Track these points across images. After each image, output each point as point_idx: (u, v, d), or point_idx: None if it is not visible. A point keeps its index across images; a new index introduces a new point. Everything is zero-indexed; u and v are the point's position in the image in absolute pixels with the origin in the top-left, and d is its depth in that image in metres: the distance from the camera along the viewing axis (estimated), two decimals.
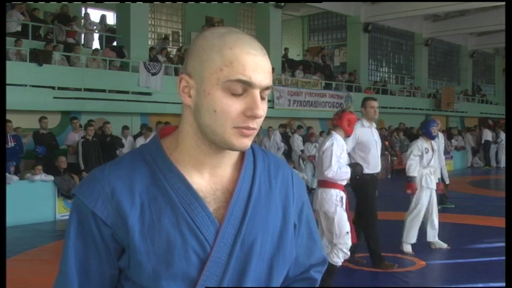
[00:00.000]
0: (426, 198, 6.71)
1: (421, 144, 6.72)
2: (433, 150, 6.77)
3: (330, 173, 4.94)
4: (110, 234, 1.09)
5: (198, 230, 1.09)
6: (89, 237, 1.10)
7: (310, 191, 10.96)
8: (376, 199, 5.98)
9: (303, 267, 1.30)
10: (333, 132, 5.30)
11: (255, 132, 1.09)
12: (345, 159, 5.15)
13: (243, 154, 1.20)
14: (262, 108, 1.06)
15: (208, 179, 1.15)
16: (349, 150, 5.71)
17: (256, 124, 1.08)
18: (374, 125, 5.98)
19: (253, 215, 1.14)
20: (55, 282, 1.14)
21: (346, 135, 5.26)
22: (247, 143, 1.09)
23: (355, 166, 5.23)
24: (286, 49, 20.72)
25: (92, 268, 1.10)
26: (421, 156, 6.66)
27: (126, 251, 1.10)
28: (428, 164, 6.70)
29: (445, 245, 6.87)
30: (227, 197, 1.14)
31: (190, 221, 1.09)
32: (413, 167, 6.59)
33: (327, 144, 5.07)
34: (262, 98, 1.08)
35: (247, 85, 1.05)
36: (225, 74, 1.04)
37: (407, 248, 6.66)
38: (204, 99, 1.07)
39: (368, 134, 5.83)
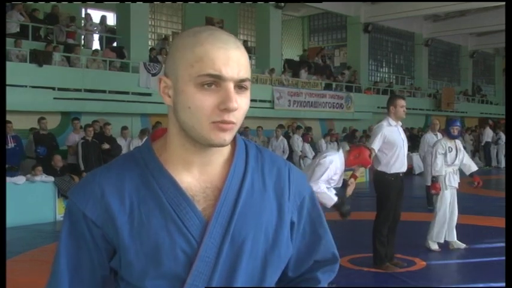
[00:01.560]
0: (449, 197, 6.76)
1: (444, 143, 6.79)
2: (457, 149, 6.82)
3: (314, 187, 4.77)
4: (100, 235, 1.11)
5: (185, 229, 1.09)
6: (80, 238, 1.12)
7: None
8: (399, 200, 5.88)
9: (307, 264, 1.26)
10: (340, 150, 5.26)
11: (234, 126, 1.08)
12: (336, 181, 5.07)
13: (234, 151, 1.19)
14: (237, 101, 1.06)
15: (198, 177, 1.14)
16: (376, 150, 5.72)
17: (234, 117, 1.07)
18: (400, 123, 5.96)
19: (244, 212, 1.13)
20: (47, 283, 1.15)
21: (346, 163, 5.15)
22: (225, 137, 1.07)
23: (340, 205, 5.06)
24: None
25: (83, 269, 1.12)
26: (445, 155, 6.70)
27: (117, 252, 1.11)
28: (453, 163, 6.76)
29: (463, 245, 6.85)
30: (217, 195, 1.13)
31: (178, 221, 1.09)
32: (440, 166, 6.64)
33: (327, 159, 5.00)
34: (241, 91, 1.08)
35: (218, 79, 1.05)
36: (195, 69, 1.05)
37: (435, 246, 6.72)
38: (179, 97, 1.08)
39: (395, 133, 5.81)
